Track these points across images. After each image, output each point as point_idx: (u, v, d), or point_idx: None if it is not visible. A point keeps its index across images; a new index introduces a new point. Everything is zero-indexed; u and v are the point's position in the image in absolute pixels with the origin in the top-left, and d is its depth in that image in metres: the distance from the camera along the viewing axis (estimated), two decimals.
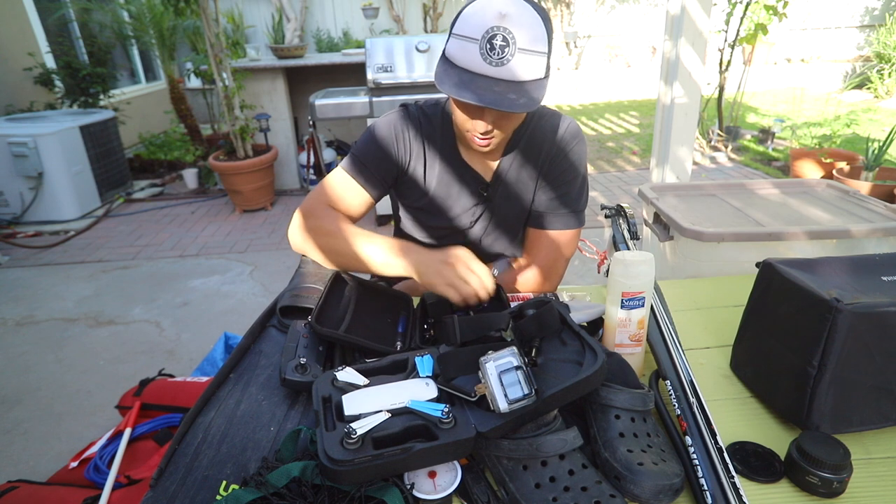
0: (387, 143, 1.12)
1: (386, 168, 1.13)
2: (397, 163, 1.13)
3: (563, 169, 1.13)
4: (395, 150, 1.12)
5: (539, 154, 1.13)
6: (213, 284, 3.09)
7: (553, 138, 1.12)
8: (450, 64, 0.92)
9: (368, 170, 1.12)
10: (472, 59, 0.88)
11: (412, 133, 1.12)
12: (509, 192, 1.15)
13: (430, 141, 1.13)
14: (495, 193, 1.15)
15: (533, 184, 1.15)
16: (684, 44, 2.91)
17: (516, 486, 0.64)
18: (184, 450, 0.72)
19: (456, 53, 0.91)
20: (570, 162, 1.13)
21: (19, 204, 3.93)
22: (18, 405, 2.16)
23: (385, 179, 1.14)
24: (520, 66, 0.88)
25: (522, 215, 1.20)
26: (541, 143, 1.13)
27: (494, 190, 1.15)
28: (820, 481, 0.65)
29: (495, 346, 0.72)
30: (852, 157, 3.97)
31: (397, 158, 1.13)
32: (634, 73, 9.41)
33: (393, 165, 1.13)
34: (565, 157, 1.13)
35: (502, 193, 1.15)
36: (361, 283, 1.06)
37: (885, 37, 6.98)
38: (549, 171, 1.14)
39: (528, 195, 1.16)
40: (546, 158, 1.13)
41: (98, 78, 4.79)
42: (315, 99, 3.47)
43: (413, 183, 1.16)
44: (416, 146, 1.12)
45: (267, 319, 1.00)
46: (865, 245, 1.61)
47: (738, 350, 0.91)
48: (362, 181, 1.11)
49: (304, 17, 7.49)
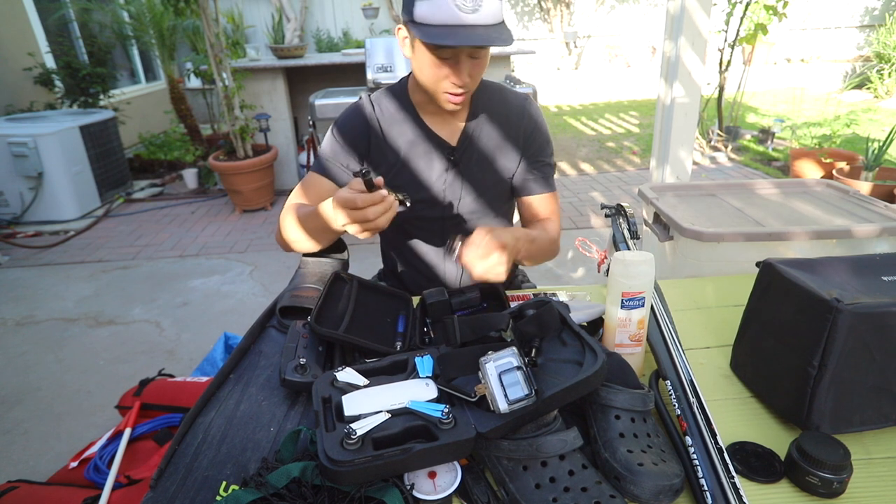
0: (346, 132, 1.16)
1: (350, 156, 1.16)
2: (359, 147, 1.16)
3: (540, 143, 1.21)
4: (355, 135, 1.16)
5: (505, 122, 1.19)
6: (213, 284, 3.09)
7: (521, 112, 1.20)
8: (423, 25, 0.95)
9: (332, 162, 1.16)
10: (447, 12, 0.92)
11: (367, 115, 1.16)
12: (478, 156, 1.19)
13: (389, 118, 1.16)
14: (463, 156, 1.18)
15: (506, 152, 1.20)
16: (684, 44, 2.91)
17: (516, 486, 0.64)
18: (184, 450, 0.72)
19: (428, 14, 0.94)
20: (540, 129, 1.22)
21: (19, 204, 3.93)
22: (18, 405, 2.16)
23: (351, 168, 1.17)
24: (490, 9, 0.94)
25: (497, 185, 1.22)
26: (503, 112, 1.19)
27: (462, 152, 1.17)
28: (820, 481, 0.65)
29: (495, 347, 0.72)
30: (852, 157, 3.97)
31: (359, 143, 1.16)
32: (634, 73, 9.40)
33: (356, 152, 1.16)
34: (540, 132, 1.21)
35: (470, 156, 1.18)
36: (361, 284, 1.06)
37: (884, 37, 6.98)
38: (529, 145, 1.20)
39: (500, 162, 1.20)
40: (520, 133, 1.19)
41: (98, 78, 4.79)
42: (315, 99, 3.47)
43: (380, 161, 1.18)
44: (374, 127, 1.16)
45: (267, 320, 1.00)
46: (865, 245, 1.61)
47: (738, 350, 0.91)
48: (329, 174, 1.16)
49: (304, 17, 7.49)
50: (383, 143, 1.16)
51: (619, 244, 1.08)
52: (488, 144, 1.19)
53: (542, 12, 9.90)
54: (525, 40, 9.93)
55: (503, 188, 1.24)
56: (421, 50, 1.01)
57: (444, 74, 1.02)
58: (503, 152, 1.20)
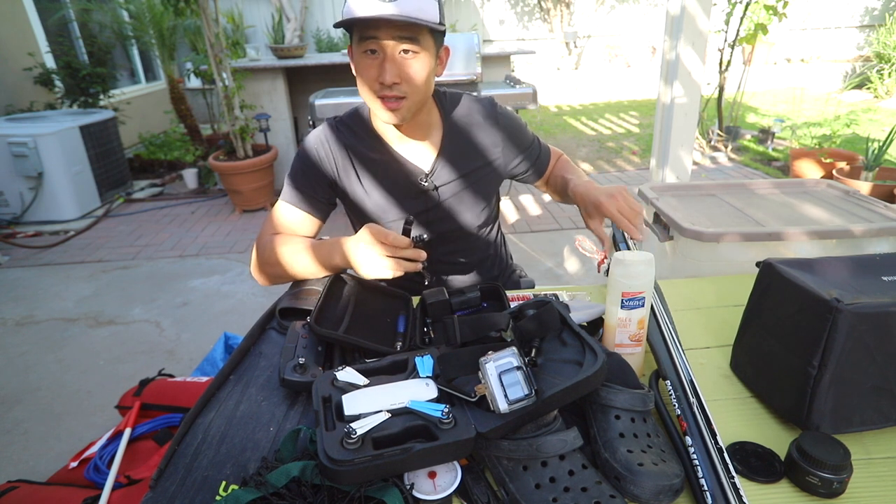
0: (313, 162, 1.14)
1: (319, 186, 1.15)
2: (328, 178, 1.15)
3: (521, 136, 1.22)
4: (322, 166, 1.14)
5: (480, 133, 1.17)
6: (213, 284, 3.09)
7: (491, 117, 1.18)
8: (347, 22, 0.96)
9: (303, 192, 1.14)
10: (366, 4, 0.91)
11: (334, 144, 1.14)
12: (452, 177, 1.16)
13: (355, 146, 1.14)
14: (436, 181, 1.15)
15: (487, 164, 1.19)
16: (684, 44, 2.91)
17: (516, 486, 0.64)
18: (183, 450, 0.72)
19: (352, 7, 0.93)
20: (515, 124, 1.21)
21: (19, 204, 3.93)
22: (18, 405, 2.16)
23: (322, 197, 1.15)
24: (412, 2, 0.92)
25: (479, 199, 1.21)
26: (472, 125, 1.17)
27: (434, 177, 1.15)
28: (820, 481, 0.65)
29: (495, 346, 0.72)
30: (852, 157, 3.98)
31: (327, 173, 1.14)
32: (634, 73, 9.40)
33: (325, 181, 1.15)
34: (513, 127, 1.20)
35: (444, 180, 1.16)
36: (361, 284, 1.06)
37: (884, 37, 6.99)
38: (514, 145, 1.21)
39: (481, 175, 1.19)
40: (499, 139, 1.18)
41: (98, 78, 4.79)
42: (315, 99, 3.47)
43: (351, 192, 1.16)
44: (341, 155, 1.14)
45: (267, 322, 1.00)
46: (865, 245, 1.61)
47: (737, 350, 0.91)
48: (302, 205, 1.14)
49: (303, 17, 7.49)
50: (354, 171, 1.14)
51: (619, 244, 1.08)
52: (462, 161, 1.16)
53: (542, 12, 9.90)
54: (525, 40, 9.94)
55: (487, 198, 1.23)
56: (354, 53, 1.01)
57: (374, 75, 0.98)
58: (484, 165, 1.18)
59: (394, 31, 0.94)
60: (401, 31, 0.94)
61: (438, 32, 1.00)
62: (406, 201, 1.16)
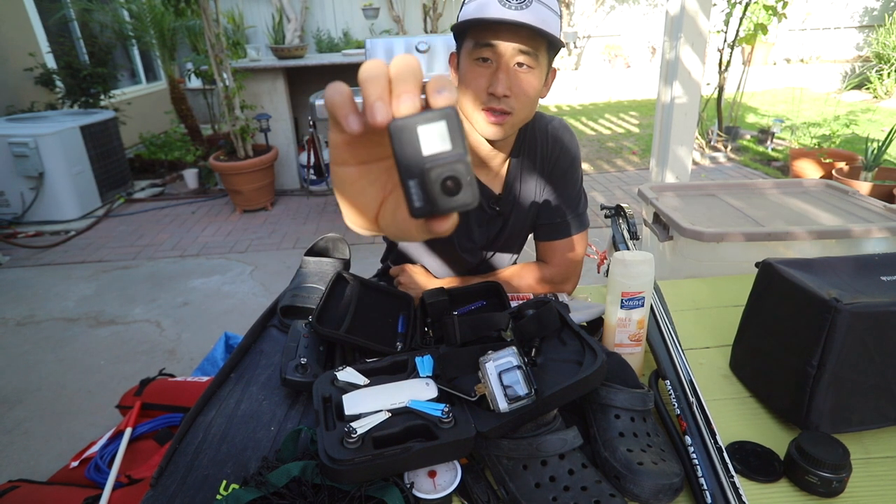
0: None
1: None
2: None
3: (565, 169, 1.12)
4: None
5: (536, 156, 1.10)
6: (213, 284, 3.10)
7: (546, 137, 1.10)
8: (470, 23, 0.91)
9: None
10: (491, 9, 0.87)
11: None
12: (520, 203, 1.11)
13: None
14: (507, 206, 1.11)
15: (537, 190, 1.12)
16: (684, 44, 2.91)
17: (516, 485, 0.64)
18: (184, 449, 0.72)
19: (473, 11, 0.89)
20: (570, 158, 1.12)
21: (20, 204, 3.93)
22: (19, 405, 2.16)
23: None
24: (540, 13, 0.87)
25: (528, 226, 1.17)
26: (537, 145, 1.11)
27: (506, 202, 1.10)
28: (819, 481, 0.65)
29: (495, 346, 0.72)
30: (852, 158, 3.98)
31: None
32: (634, 73, 9.40)
33: None
34: (565, 155, 1.11)
35: (513, 204, 1.11)
36: (363, 283, 1.06)
37: (884, 37, 6.98)
38: (553, 173, 1.12)
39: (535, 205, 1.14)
40: (547, 160, 1.11)
41: (99, 78, 4.79)
42: (315, 99, 3.47)
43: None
44: None
45: (268, 319, 1.00)
46: (865, 245, 1.61)
47: (737, 350, 0.91)
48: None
49: (304, 17, 7.49)
50: None
51: (618, 244, 1.09)
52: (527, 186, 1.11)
53: None
54: None
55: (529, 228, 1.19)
56: (463, 61, 0.95)
57: (484, 85, 0.92)
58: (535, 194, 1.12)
59: (516, 39, 0.88)
60: (524, 41, 0.89)
61: (553, 51, 0.95)
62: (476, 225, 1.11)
